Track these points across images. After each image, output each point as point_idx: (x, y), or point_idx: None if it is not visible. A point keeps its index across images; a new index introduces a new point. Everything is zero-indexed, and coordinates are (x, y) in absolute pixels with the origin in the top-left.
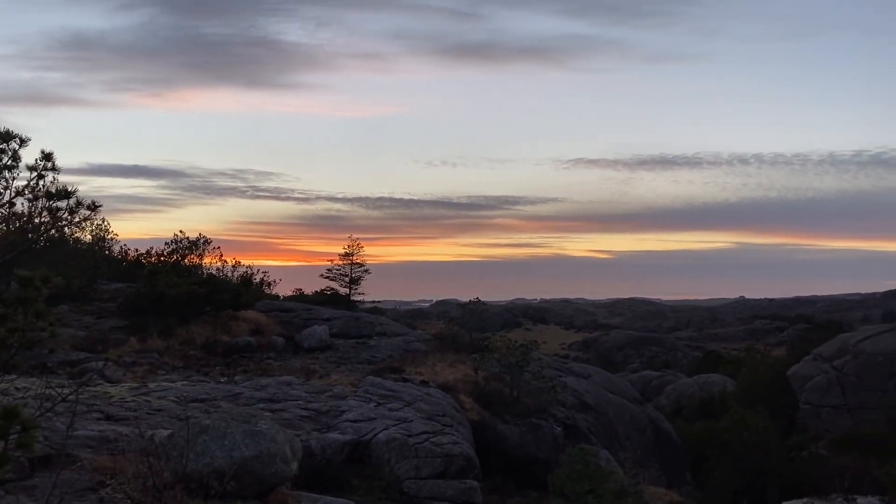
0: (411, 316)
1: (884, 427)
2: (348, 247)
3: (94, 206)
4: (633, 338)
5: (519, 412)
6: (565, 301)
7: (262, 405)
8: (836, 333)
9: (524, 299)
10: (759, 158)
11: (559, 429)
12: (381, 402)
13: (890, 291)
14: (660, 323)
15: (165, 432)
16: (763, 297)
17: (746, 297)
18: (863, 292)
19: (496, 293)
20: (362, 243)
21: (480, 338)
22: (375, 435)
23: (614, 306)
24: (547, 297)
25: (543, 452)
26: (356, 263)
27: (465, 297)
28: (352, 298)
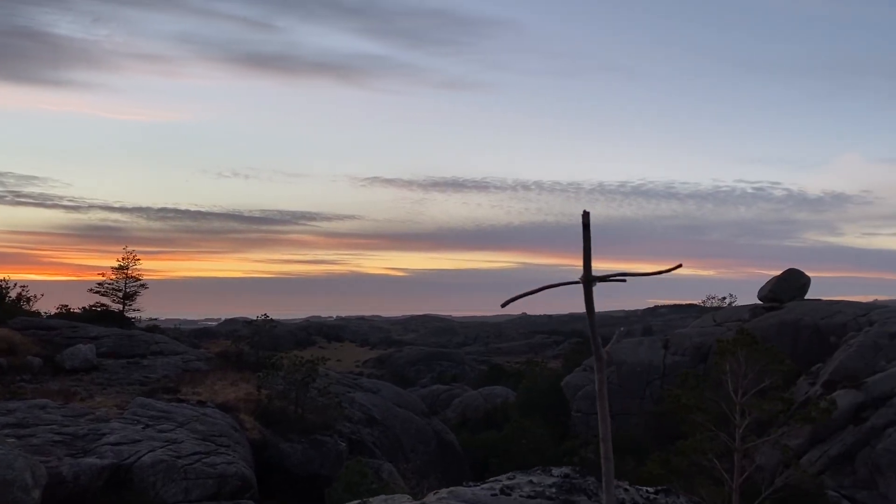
0: (196, 335)
1: (641, 431)
2: (122, 259)
3: None
4: (425, 353)
5: (303, 429)
6: (361, 318)
7: (7, 431)
8: (604, 346)
9: (319, 317)
10: (539, 185)
11: (344, 444)
12: (151, 423)
13: (649, 308)
14: (450, 338)
15: None
16: (543, 313)
17: (528, 313)
18: (627, 309)
19: (290, 311)
20: (140, 256)
21: (267, 356)
22: (140, 458)
23: (409, 323)
24: (343, 314)
25: (327, 468)
26: (131, 277)
27: (256, 315)
28: (126, 315)
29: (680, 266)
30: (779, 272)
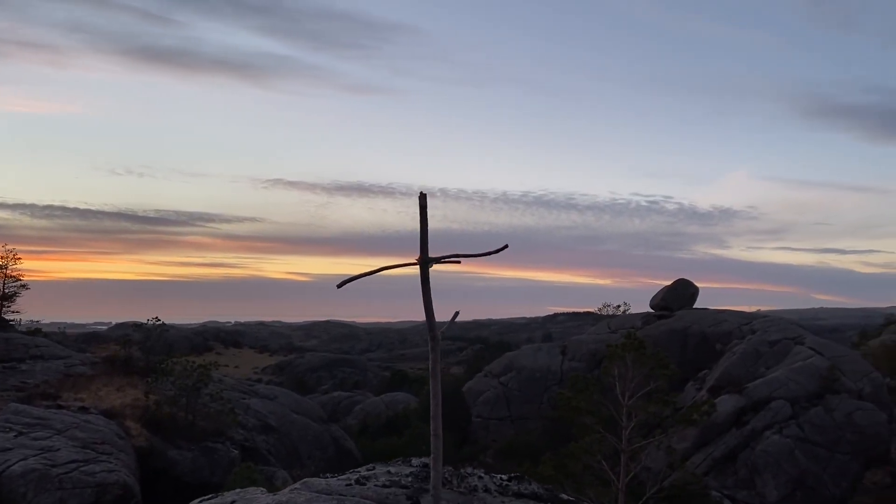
0: (84, 339)
1: (539, 435)
2: (1, 258)
3: None
4: (327, 360)
5: (194, 436)
6: (261, 324)
7: None
8: (505, 352)
9: (217, 322)
10: (445, 192)
11: (236, 451)
12: (25, 431)
13: (549, 316)
14: (353, 344)
15: None
16: (447, 320)
17: None
18: (528, 316)
19: (186, 315)
20: (21, 255)
21: (158, 360)
22: (9, 467)
23: (311, 329)
24: (242, 319)
25: (218, 476)
26: (10, 277)
27: (147, 319)
28: (3, 317)
29: (506, 247)
30: (670, 282)
